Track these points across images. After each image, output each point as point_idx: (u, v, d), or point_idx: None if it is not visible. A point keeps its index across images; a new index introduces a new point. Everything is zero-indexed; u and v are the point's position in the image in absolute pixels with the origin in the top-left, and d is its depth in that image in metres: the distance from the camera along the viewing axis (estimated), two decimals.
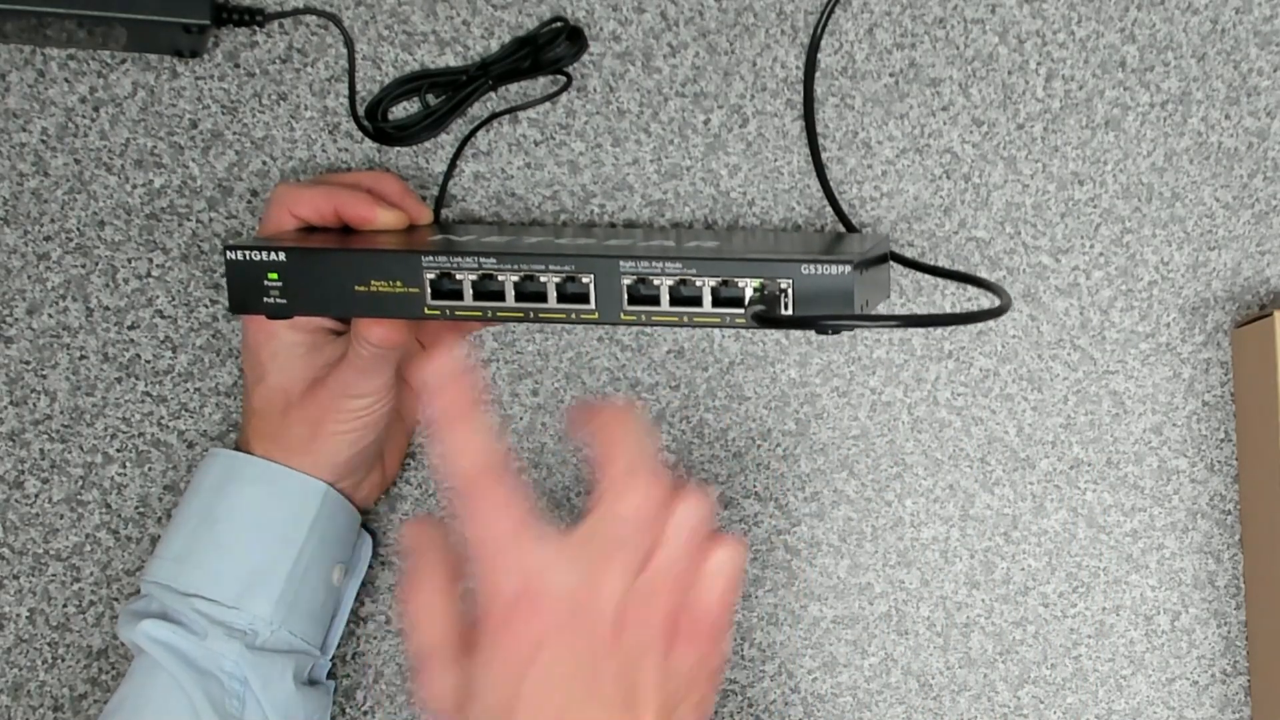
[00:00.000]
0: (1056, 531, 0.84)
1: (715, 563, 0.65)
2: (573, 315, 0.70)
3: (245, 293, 0.72)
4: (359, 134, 0.82)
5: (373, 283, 0.70)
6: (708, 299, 0.69)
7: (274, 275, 0.71)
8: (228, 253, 0.71)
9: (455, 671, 0.63)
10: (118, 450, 0.84)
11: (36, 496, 0.84)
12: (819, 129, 0.82)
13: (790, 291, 0.68)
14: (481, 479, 0.62)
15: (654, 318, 0.69)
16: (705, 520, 0.65)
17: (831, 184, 0.82)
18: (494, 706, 0.61)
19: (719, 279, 0.68)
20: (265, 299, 0.71)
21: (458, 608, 0.63)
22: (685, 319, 0.69)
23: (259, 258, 0.71)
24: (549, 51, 0.81)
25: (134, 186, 0.83)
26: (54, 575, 0.84)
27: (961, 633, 0.84)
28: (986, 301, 0.83)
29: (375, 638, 0.84)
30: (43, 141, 0.82)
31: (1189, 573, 0.84)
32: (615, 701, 0.62)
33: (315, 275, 0.71)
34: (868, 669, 0.84)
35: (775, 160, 0.83)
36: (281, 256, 0.71)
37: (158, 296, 0.83)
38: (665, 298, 0.69)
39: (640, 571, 0.63)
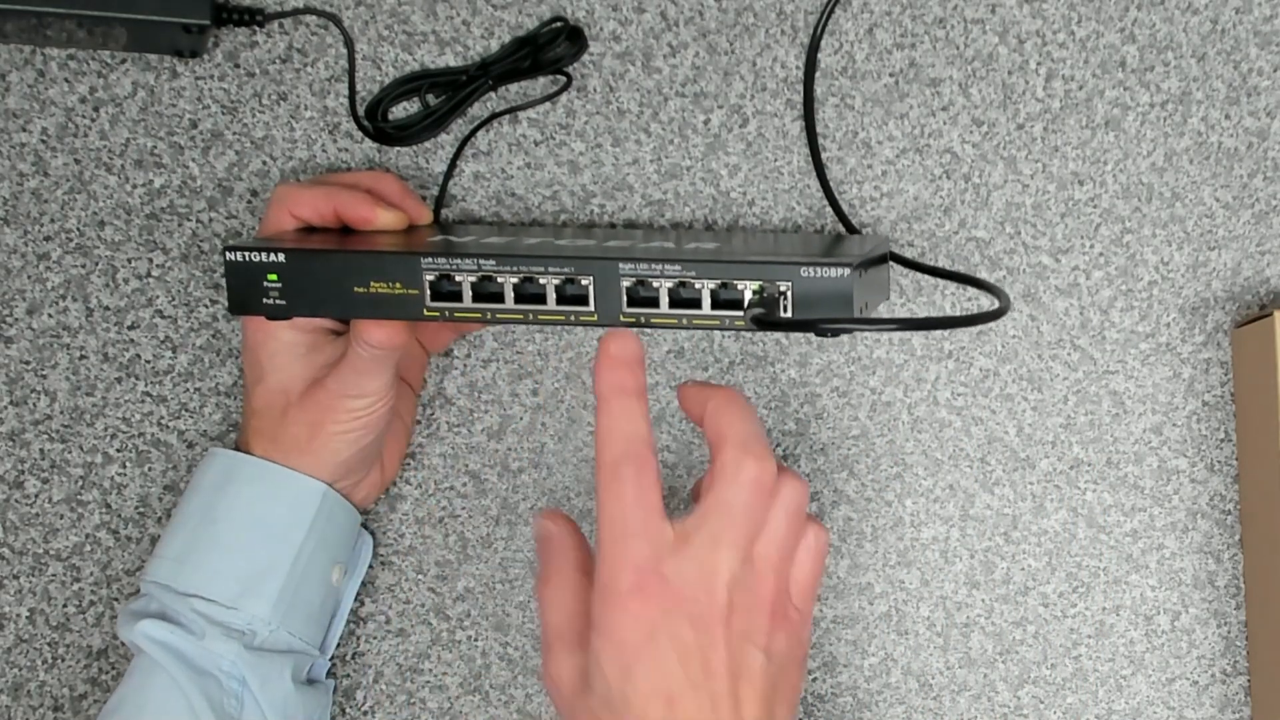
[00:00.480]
0: (1056, 531, 0.84)
1: (805, 544, 0.68)
2: (572, 317, 0.70)
3: (245, 293, 0.72)
4: (359, 134, 0.82)
5: (372, 284, 0.70)
6: (707, 301, 0.69)
7: (273, 276, 0.71)
8: (227, 253, 0.71)
9: (579, 654, 0.65)
10: (118, 450, 0.84)
11: (36, 496, 0.84)
12: (819, 129, 0.82)
13: (789, 294, 0.68)
14: (628, 460, 0.64)
15: (653, 320, 0.69)
16: (804, 503, 0.67)
17: (831, 184, 0.82)
18: (609, 688, 0.63)
19: (718, 281, 0.68)
20: (264, 300, 0.71)
21: (586, 597, 0.65)
22: (684, 321, 0.69)
23: (258, 259, 0.71)
24: (549, 51, 0.81)
25: (134, 186, 0.83)
26: (54, 575, 0.84)
27: (961, 633, 0.84)
28: (986, 302, 0.83)
29: (375, 637, 0.84)
30: (43, 141, 0.82)
31: (1189, 573, 0.84)
32: (724, 687, 0.64)
33: (314, 276, 0.71)
34: (868, 669, 0.84)
35: (775, 160, 0.83)
36: (281, 257, 0.71)
37: (158, 296, 0.83)
38: (664, 300, 0.69)
39: (748, 553, 0.65)
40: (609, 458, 0.64)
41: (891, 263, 0.81)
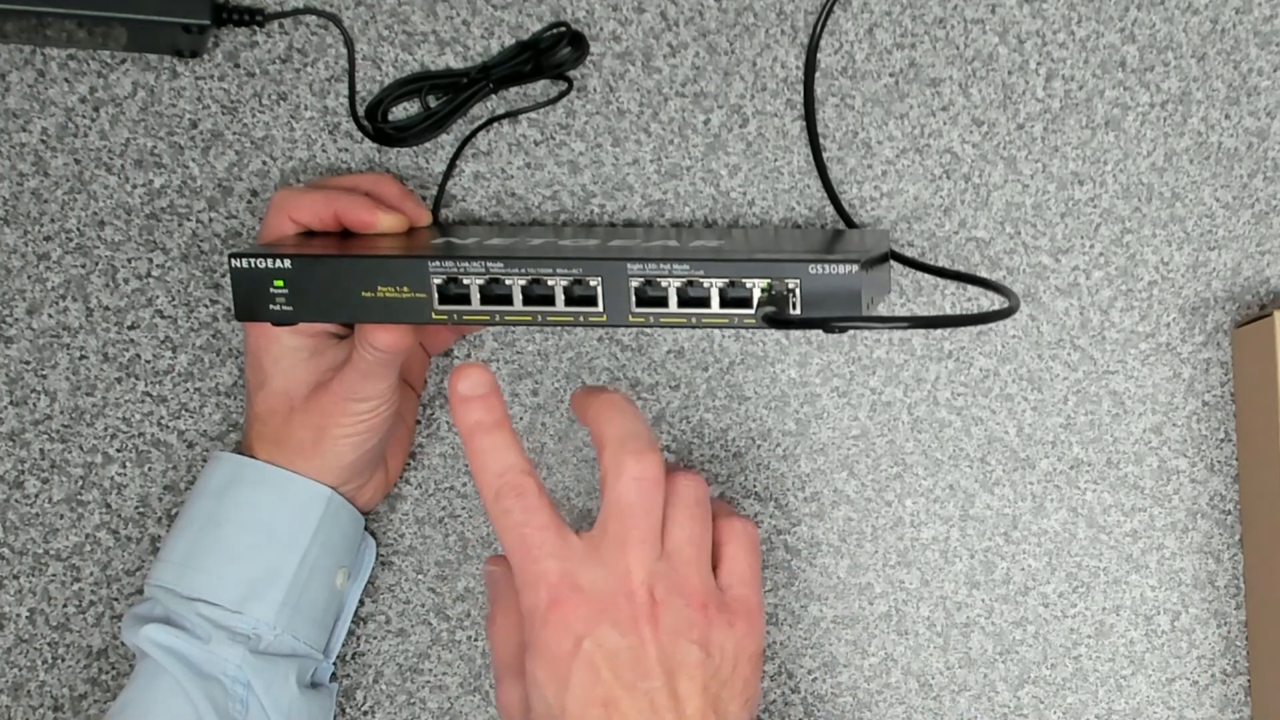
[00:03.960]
0: (1056, 531, 0.84)
1: (733, 535, 0.69)
2: (580, 318, 0.70)
3: (251, 300, 0.71)
4: (359, 134, 0.82)
5: (379, 288, 0.70)
6: (715, 300, 0.69)
7: (279, 283, 0.71)
8: (232, 260, 0.71)
9: (523, 681, 0.66)
10: (118, 450, 0.84)
11: (36, 496, 0.84)
12: (819, 129, 0.82)
13: (798, 291, 0.68)
14: (506, 491, 0.65)
15: (662, 319, 0.69)
16: (702, 496, 0.68)
17: (832, 184, 0.82)
18: (548, 704, 0.64)
19: (726, 280, 0.68)
20: (271, 306, 0.71)
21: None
22: (693, 320, 0.69)
23: (264, 265, 0.71)
24: (551, 56, 0.81)
25: (134, 186, 0.83)
26: (54, 575, 0.84)
27: (961, 633, 0.84)
28: (988, 301, 0.83)
29: (376, 638, 0.84)
30: (43, 141, 0.82)
31: (1189, 573, 0.84)
32: (660, 685, 0.64)
33: (321, 282, 0.71)
34: (868, 669, 0.85)
35: (775, 160, 0.83)
36: (287, 264, 0.71)
37: (158, 296, 0.83)
38: (673, 299, 0.69)
39: (660, 550, 0.66)
40: (488, 495, 0.66)
41: (893, 262, 0.81)
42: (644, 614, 0.64)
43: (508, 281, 0.70)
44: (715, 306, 0.69)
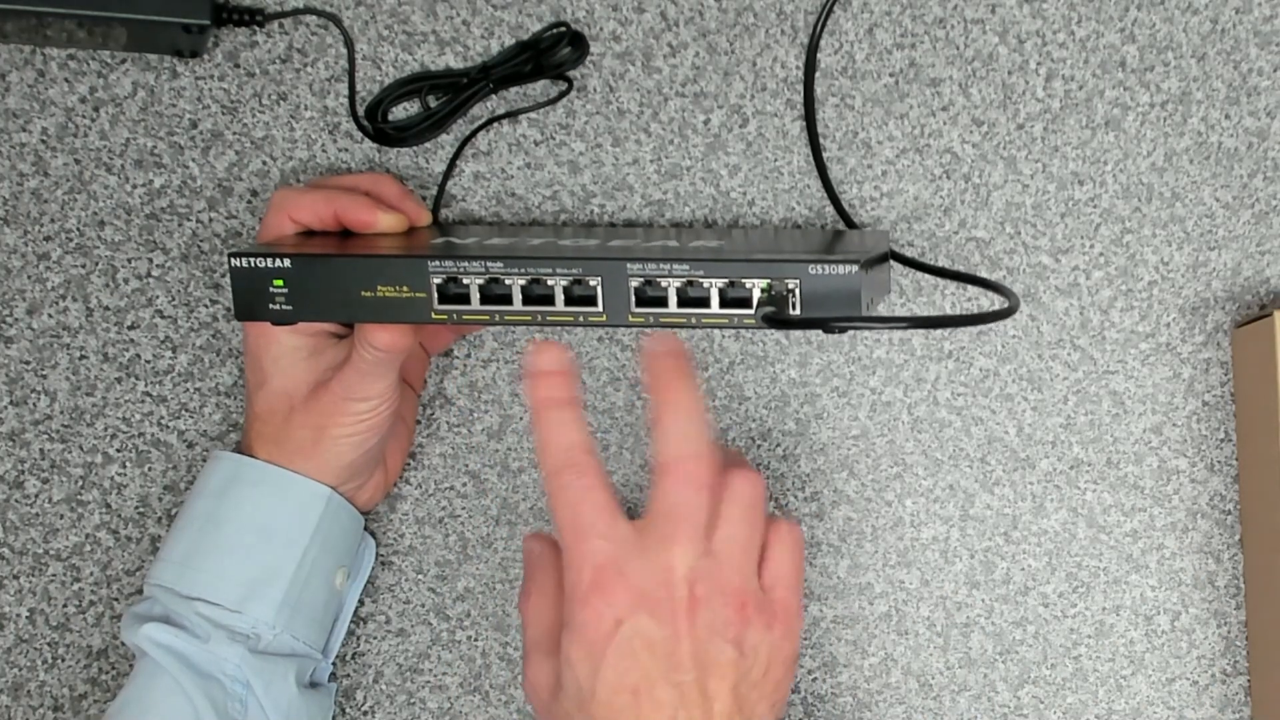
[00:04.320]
0: (1056, 531, 0.84)
1: (777, 538, 0.69)
2: (580, 318, 0.70)
3: (250, 300, 0.71)
4: (359, 134, 0.82)
5: (379, 288, 0.70)
6: (715, 300, 0.69)
7: (279, 282, 0.71)
8: (231, 260, 0.71)
9: (554, 659, 0.67)
10: (118, 450, 0.84)
11: (36, 496, 0.84)
12: (819, 129, 0.82)
13: (798, 292, 0.68)
14: (568, 468, 0.66)
15: (662, 319, 0.69)
16: (757, 497, 0.68)
17: (832, 183, 0.82)
18: (579, 685, 0.65)
19: (726, 280, 0.68)
20: (271, 306, 0.71)
21: (562, 611, 0.67)
22: (693, 320, 0.69)
23: (264, 264, 0.71)
24: (551, 56, 0.81)
25: (134, 186, 0.83)
26: (54, 575, 0.84)
27: (961, 633, 0.84)
28: (988, 301, 0.83)
29: (375, 638, 0.84)
30: (43, 141, 0.82)
31: (1189, 573, 0.84)
32: (691, 679, 0.64)
33: (321, 281, 0.71)
34: (868, 669, 0.85)
35: (775, 160, 0.83)
36: (286, 263, 0.71)
37: (158, 296, 0.83)
38: (673, 299, 0.69)
39: (706, 548, 0.66)
40: (550, 469, 0.66)
41: (893, 262, 0.81)
42: (682, 608, 0.65)
43: (507, 281, 0.70)
44: (715, 307, 0.69)
